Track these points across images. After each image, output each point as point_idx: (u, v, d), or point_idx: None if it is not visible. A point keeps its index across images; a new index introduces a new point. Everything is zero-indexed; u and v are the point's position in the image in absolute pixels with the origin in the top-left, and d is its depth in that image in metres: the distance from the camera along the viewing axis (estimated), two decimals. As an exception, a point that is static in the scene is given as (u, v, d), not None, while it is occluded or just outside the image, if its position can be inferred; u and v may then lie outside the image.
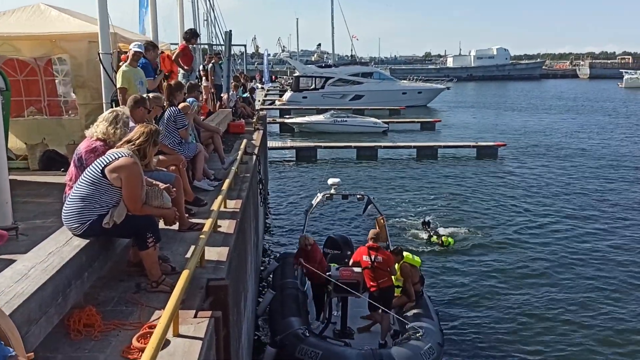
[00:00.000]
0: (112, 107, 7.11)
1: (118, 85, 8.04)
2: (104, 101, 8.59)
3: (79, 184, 4.51)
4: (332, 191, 10.97)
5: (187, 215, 6.01)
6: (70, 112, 9.79)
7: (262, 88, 55.35)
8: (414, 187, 20.52)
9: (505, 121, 41.47)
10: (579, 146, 29.71)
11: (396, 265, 9.20)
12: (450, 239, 13.67)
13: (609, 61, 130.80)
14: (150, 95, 7.21)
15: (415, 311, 8.84)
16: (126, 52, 8.83)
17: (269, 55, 55.26)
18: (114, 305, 4.24)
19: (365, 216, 12.05)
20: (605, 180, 21.73)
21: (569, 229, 15.58)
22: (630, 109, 50.58)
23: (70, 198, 4.53)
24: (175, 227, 5.54)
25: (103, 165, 4.42)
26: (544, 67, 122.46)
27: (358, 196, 11.48)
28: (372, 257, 8.70)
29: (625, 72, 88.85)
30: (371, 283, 8.66)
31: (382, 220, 11.29)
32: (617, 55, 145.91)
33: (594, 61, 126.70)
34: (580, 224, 16.05)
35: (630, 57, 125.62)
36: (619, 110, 49.32)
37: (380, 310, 8.77)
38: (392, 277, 8.94)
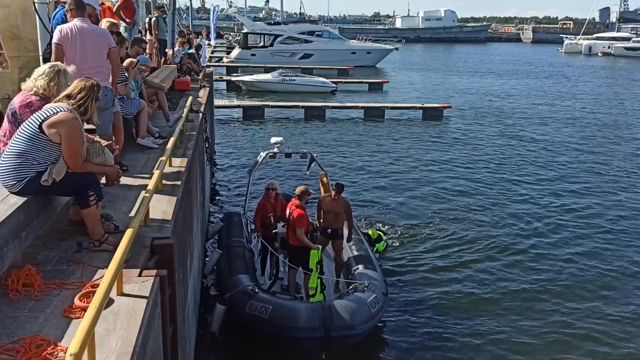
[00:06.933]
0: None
1: None
2: (40, 54, 8.15)
3: (14, 140, 4.32)
4: (275, 150, 10.95)
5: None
6: (2, 64, 9.25)
7: (209, 44, 53.77)
8: (361, 148, 20.67)
9: (451, 84, 42.02)
10: (520, 109, 30.47)
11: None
12: (379, 245, 11.58)
13: (551, 26, 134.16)
14: None
15: (361, 265, 9.06)
16: (61, 2, 8.35)
17: (215, 10, 53.53)
18: (55, 264, 4.14)
19: (310, 173, 12.07)
20: (544, 141, 22.46)
21: (507, 186, 16.16)
22: (574, 74, 52.26)
23: (5, 154, 4.33)
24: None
25: (40, 120, 4.23)
26: (489, 30, 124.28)
27: (301, 154, 11.52)
28: (288, 212, 8.84)
29: (566, 38, 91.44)
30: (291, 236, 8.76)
31: (325, 178, 11.41)
32: (559, 21, 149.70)
33: (537, 26, 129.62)
34: (519, 182, 16.59)
35: (571, 22, 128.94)
36: (566, 75, 50.84)
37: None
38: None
